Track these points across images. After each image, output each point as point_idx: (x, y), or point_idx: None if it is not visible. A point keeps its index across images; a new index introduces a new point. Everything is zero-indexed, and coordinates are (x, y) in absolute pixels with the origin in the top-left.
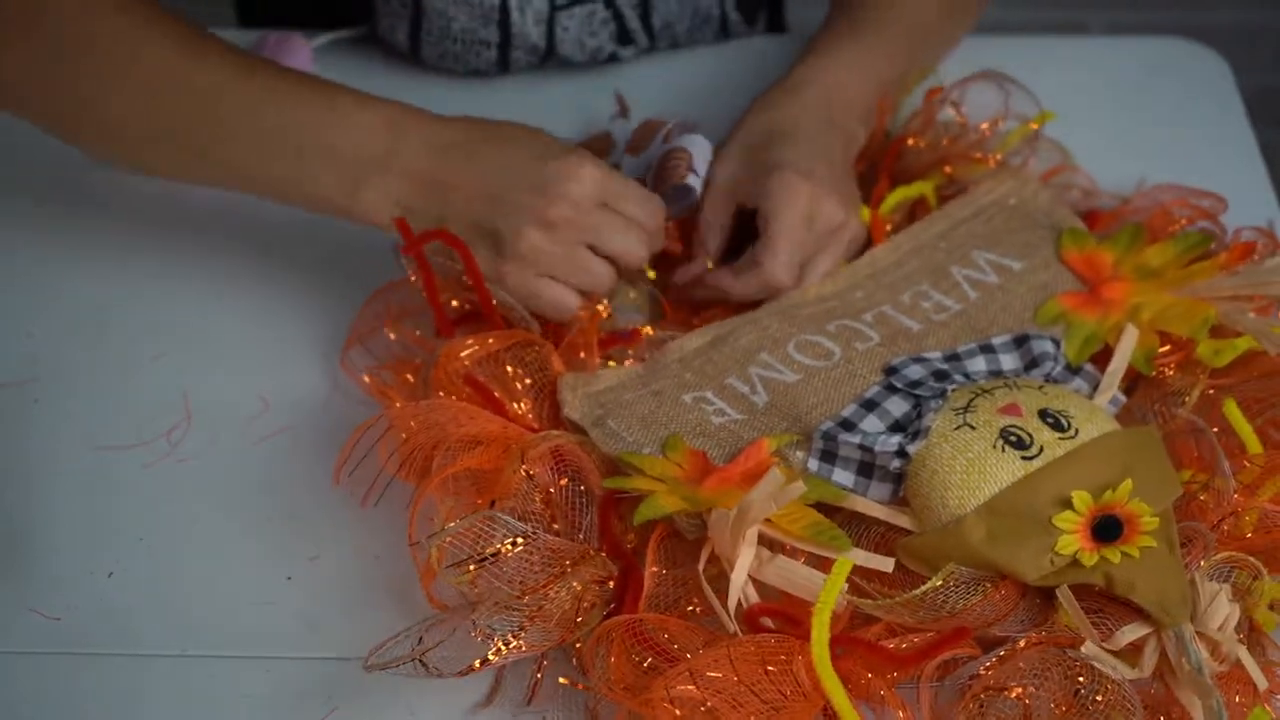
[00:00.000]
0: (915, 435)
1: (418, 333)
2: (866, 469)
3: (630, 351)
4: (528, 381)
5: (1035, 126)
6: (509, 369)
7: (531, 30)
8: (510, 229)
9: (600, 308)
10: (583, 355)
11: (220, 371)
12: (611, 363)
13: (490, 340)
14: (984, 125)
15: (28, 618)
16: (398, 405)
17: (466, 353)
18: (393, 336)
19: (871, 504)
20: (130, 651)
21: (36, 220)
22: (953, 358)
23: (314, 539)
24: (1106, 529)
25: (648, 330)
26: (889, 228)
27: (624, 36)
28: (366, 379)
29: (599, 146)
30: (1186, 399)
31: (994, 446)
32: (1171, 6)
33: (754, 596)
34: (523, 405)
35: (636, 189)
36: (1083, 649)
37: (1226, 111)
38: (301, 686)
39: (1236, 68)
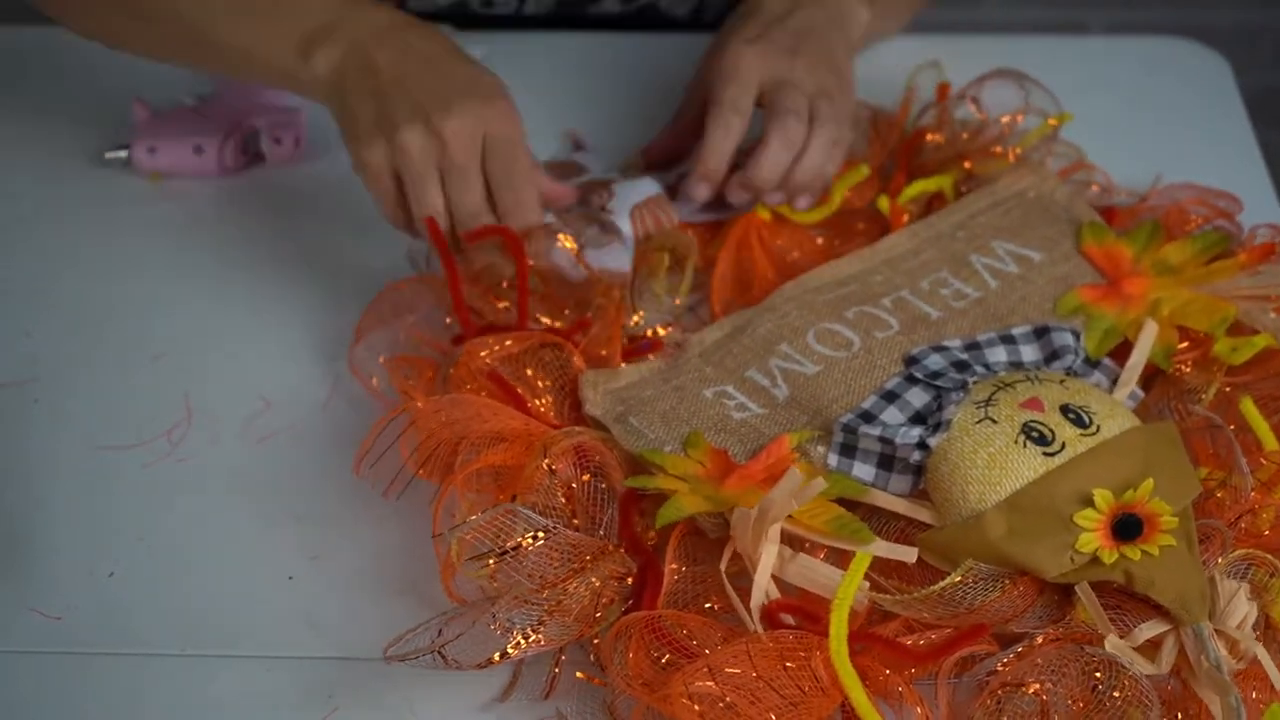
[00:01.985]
0: (936, 428)
1: (425, 335)
2: (887, 462)
3: (651, 357)
4: (548, 382)
5: (1055, 124)
6: (529, 371)
7: None
8: (403, 119)
9: (635, 318)
10: (604, 353)
11: (220, 371)
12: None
13: (509, 341)
14: (1004, 119)
15: (28, 618)
16: (418, 401)
17: (486, 352)
18: (402, 336)
19: (892, 499)
20: (130, 651)
21: (36, 220)
22: (973, 346)
23: (315, 538)
24: (1127, 528)
25: (669, 330)
26: (906, 218)
27: None
28: (385, 368)
29: (564, 173)
30: (1203, 396)
31: (1016, 442)
32: (1171, 6)
33: (775, 594)
34: (544, 401)
35: (528, 169)
36: (1102, 645)
37: (1227, 111)
38: (302, 686)
39: (1236, 68)
